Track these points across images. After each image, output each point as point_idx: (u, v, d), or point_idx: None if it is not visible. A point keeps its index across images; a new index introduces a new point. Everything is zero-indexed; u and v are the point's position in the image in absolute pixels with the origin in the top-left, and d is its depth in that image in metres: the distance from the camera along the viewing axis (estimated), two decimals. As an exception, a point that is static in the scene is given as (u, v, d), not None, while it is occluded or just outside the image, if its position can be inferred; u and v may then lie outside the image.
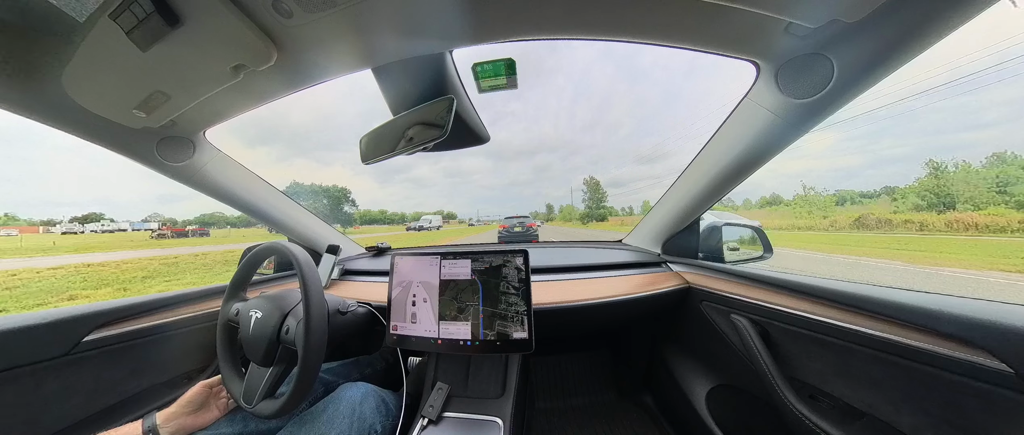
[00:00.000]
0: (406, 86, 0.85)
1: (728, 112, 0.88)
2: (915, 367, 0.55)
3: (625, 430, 1.30)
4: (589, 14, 0.60)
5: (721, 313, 0.96)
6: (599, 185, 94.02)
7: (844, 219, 29.52)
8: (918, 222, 25.16)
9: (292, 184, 21.18)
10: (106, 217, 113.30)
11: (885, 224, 26.55)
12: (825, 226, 29.54)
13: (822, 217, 33.06)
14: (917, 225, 24.67)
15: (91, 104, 0.70)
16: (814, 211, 36.76)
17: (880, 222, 26.95)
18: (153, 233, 35.62)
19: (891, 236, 20.18)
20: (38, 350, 0.71)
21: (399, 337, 0.90)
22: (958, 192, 40.53)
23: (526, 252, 0.88)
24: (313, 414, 0.72)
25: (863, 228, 26.70)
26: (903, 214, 29.80)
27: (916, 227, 24.40)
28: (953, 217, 24.06)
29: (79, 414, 0.77)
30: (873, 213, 29.49)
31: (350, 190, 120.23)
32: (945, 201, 38.88)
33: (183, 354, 0.97)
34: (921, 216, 27.37)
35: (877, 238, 18.68)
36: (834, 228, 28.19)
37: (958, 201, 39.45)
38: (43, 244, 23.98)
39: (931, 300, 0.55)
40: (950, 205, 37.77)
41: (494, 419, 0.78)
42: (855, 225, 27.59)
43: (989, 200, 40.79)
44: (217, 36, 0.56)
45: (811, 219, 34.12)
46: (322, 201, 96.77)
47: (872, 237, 19.73)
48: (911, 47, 0.55)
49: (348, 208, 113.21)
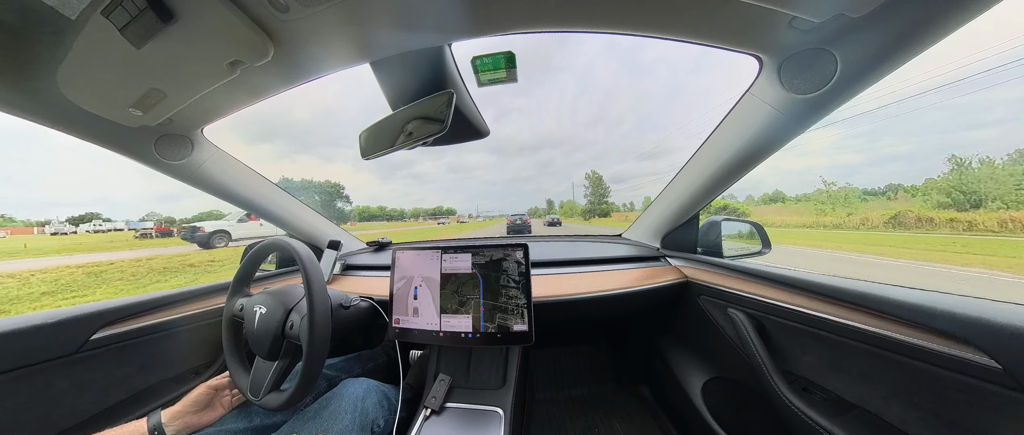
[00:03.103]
0: (405, 80, 0.84)
1: (730, 108, 0.87)
2: (906, 362, 0.56)
3: (623, 420, 1.33)
4: (589, 5, 0.59)
5: (718, 307, 0.97)
6: (602, 180, 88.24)
7: (876, 217, 26.63)
8: (966, 221, 22.56)
9: (281, 180, 20.86)
10: (103, 217, 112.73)
11: (926, 222, 24.18)
12: (855, 224, 26.50)
13: (847, 214, 30.15)
14: (965, 224, 22.18)
15: (87, 103, 0.69)
16: (837, 207, 34.16)
17: (920, 220, 24.51)
18: (137, 233, 35.29)
19: (941, 236, 17.60)
20: (48, 349, 0.72)
21: (401, 330, 0.91)
22: (985, 190, 37.39)
23: (526, 246, 0.88)
24: (316, 409, 0.73)
25: (900, 227, 24.28)
26: (946, 212, 26.69)
27: (963, 226, 22.01)
28: (1008, 216, 21.98)
29: (91, 409, 0.78)
30: (911, 211, 26.58)
31: (343, 185, 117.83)
32: (971, 199, 36.26)
33: (190, 350, 0.98)
34: (968, 215, 24.69)
35: (927, 239, 15.91)
36: (866, 226, 25.47)
37: (986, 199, 36.39)
38: (13, 247, 22.55)
39: (923, 297, 0.56)
40: (977, 204, 35.37)
41: (495, 409, 0.80)
42: (891, 224, 25.06)
43: (1018, 199, 37.69)
44: (212, 32, 0.55)
45: (836, 216, 30.82)
46: (314, 198, 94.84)
47: (918, 238, 17.00)
48: (916, 43, 0.54)
49: (342, 204, 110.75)
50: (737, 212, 33.55)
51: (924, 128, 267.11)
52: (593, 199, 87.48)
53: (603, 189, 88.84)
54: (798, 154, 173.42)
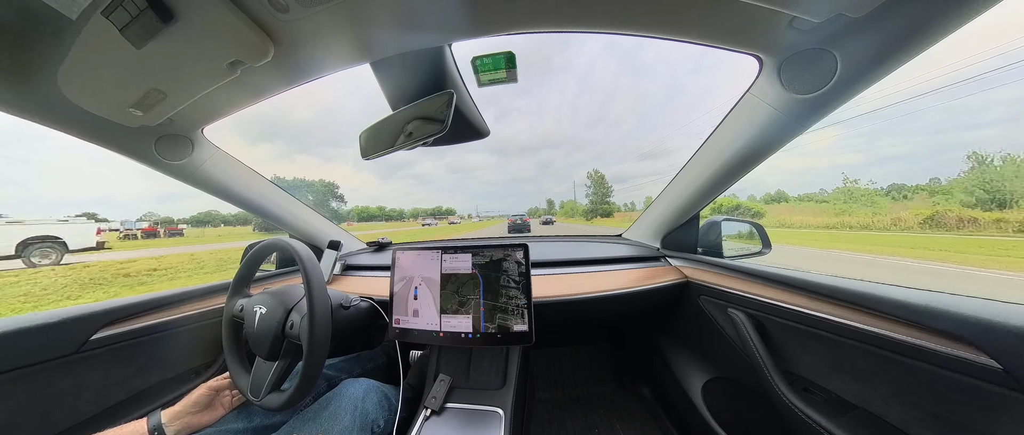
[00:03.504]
0: (405, 80, 0.84)
1: (730, 108, 0.87)
2: (906, 362, 0.56)
3: (623, 421, 1.33)
4: (589, 5, 0.59)
5: (719, 307, 0.97)
6: (604, 179, 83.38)
7: (910, 217, 24.72)
8: (1016, 221, 20.59)
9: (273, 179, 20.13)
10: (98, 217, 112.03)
11: (970, 223, 21.75)
12: (885, 225, 24.66)
13: (871, 214, 28.23)
14: (1015, 225, 20.31)
15: (87, 103, 0.69)
16: (859, 206, 31.09)
17: (962, 221, 22.09)
18: (120, 234, 34.97)
19: (997, 239, 15.37)
20: (47, 349, 0.72)
21: (402, 330, 0.91)
22: (1011, 189, 34.53)
23: (526, 246, 0.88)
24: (316, 410, 0.73)
25: (939, 228, 22.17)
26: (991, 213, 24.84)
27: (1013, 227, 20.21)
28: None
29: (91, 410, 0.78)
30: (951, 210, 24.22)
31: (338, 184, 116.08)
32: (996, 198, 33.83)
33: (190, 350, 0.98)
34: (1018, 214, 22.45)
35: (986, 243, 13.67)
36: (898, 227, 23.46)
37: (1013, 198, 33.63)
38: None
39: (923, 297, 0.56)
40: (1003, 203, 32.86)
41: (495, 409, 0.80)
42: (927, 224, 23.04)
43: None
44: (212, 32, 0.55)
45: (862, 216, 28.56)
46: (307, 197, 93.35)
47: (968, 241, 14.54)
48: (916, 43, 0.54)
49: (336, 204, 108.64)
50: (751, 212, 31.77)
51: (924, 128, 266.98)
52: (595, 199, 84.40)
53: (605, 188, 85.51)
54: (797, 155, 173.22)
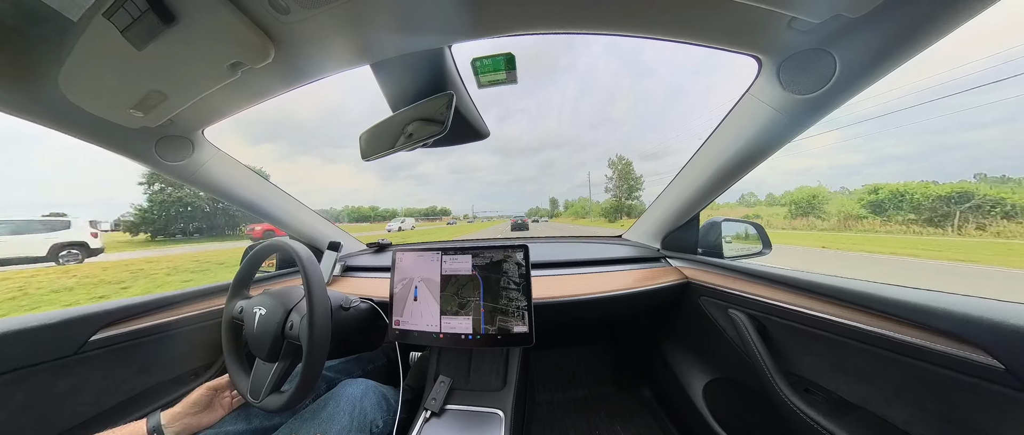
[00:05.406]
0: (405, 82, 0.84)
1: (729, 109, 0.87)
2: (908, 362, 0.56)
3: (623, 422, 1.33)
4: (589, 7, 0.59)
5: (719, 308, 0.97)
6: (631, 167, 57.00)
7: None
8: None
9: None
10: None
11: None
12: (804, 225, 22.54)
13: None
14: None
15: (88, 104, 0.69)
16: None
17: None
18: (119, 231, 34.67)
19: None
20: (47, 350, 0.72)
21: (402, 331, 0.91)
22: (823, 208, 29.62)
23: (526, 247, 0.88)
24: (314, 410, 0.73)
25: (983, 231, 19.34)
26: None
27: None
28: None
29: (90, 411, 0.78)
30: None
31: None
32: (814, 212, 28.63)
33: (189, 351, 0.98)
34: None
35: None
36: None
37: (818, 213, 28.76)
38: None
39: (925, 296, 0.55)
40: None
41: (495, 411, 0.79)
42: None
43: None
44: (213, 34, 0.56)
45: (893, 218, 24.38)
46: None
47: None
48: (915, 43, 0.54)
49: None
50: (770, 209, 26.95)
51: (923, 128, 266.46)
52: (619, 194, 57.65)
53: (634, 180, 57.29)
54: (797, 154, 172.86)
